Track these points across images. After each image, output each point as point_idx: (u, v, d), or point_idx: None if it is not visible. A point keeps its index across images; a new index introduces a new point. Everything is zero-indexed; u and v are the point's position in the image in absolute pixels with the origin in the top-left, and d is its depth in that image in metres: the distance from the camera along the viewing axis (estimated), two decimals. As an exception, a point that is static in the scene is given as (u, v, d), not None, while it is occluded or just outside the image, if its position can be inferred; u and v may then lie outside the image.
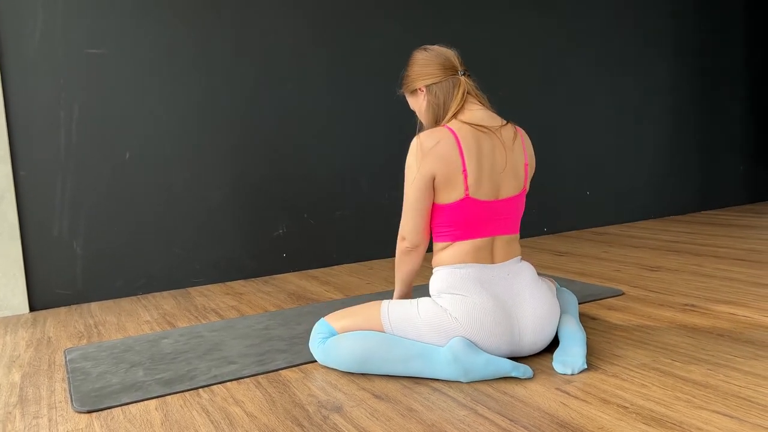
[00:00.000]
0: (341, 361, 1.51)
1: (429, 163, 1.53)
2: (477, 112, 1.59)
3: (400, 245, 1.62)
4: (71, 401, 1.46)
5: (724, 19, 4.23)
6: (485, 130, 1.55)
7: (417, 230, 1.57)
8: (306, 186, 2.96)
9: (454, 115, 1.59)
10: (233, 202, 2.82)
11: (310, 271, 2.96)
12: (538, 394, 1.34)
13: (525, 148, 1.62)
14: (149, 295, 2.64)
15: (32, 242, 2.48)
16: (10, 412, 1.44)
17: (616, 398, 1.29)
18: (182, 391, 1.49)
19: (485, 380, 1.43)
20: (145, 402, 1.44)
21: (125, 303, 2.53)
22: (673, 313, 1.89)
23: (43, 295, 2.51)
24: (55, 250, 2.52)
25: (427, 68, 1.62)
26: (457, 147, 1.52)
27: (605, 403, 1.27)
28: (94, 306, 2.51)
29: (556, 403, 1.29)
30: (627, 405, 1.26)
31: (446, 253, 1.56)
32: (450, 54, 1.63)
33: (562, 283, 2.34)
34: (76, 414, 1.40)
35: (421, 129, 1.71)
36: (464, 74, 1.62)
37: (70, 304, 2.55)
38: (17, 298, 2.45)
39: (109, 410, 1.41)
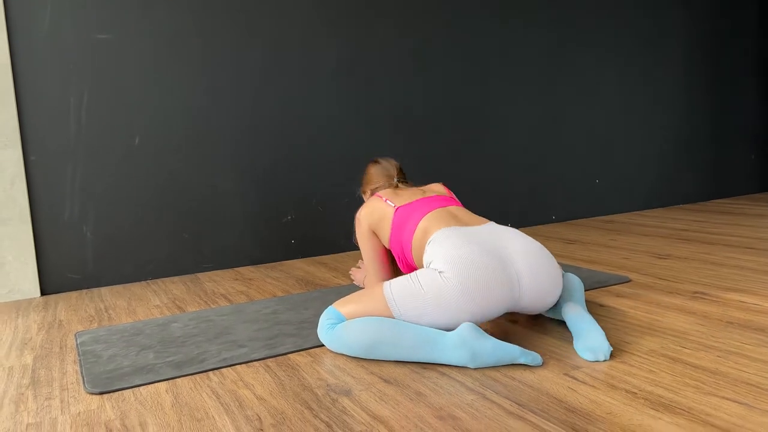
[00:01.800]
0: (350, 348, 1.52)
1: (366, 221, 1.93)
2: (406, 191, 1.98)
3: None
4: (83, 383, 1.48)
5: (736, 7, 4.17)
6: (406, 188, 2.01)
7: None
8: (314, 173, 2.96)
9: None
10: (242, 188, 2.82)
11: (318, 257, 2.96)
12: (547, 379, 1.34)
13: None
14: (159, 280, 2.66)
15: (43, 227, 2.50)
16: (22, 393, 1.45)
17: (624, 384, 1.29)
18: (192, 374, 1.50)
19: (494, 367, 1.43)
20: (156, 384, 1.45)
21: (135, 288, 2.55)
22: (683, 300, 1.89)
23: (54, 279, 2.53)
24: (66, 235, 2.54)
25: (373, 178, 2.10)
26: (381, 199, 1.91)
27: (613, 388, 1.28)
28: (104, 290, 2.53)
29: (564, 388, 1.29)
30: (635, 391, 1.26)
31: (420, 238, 1.71)
32: (391, 167, 2.09)
33: (569, 269, 2.34)
34: (88, 395, 1.42)
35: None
36: (399, 181, 2.06)
37: (80, 289, 2.57)
38: (29, 282, 2.47)
39: (120, 392, 1.42)
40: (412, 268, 1.86)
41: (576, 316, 1.58)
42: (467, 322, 1.46)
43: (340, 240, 3.04)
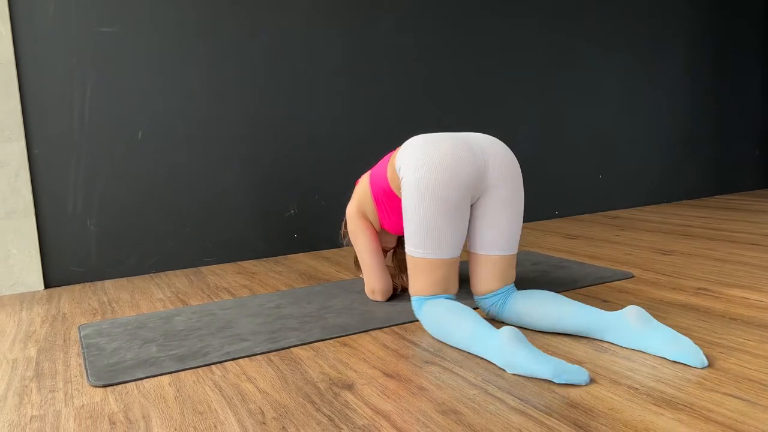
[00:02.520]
0: (432, 333, 1.62)
1: (355, 204, 2.05)
2: None
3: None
4: (86, 376, 1.49)
5: (741, 3, 4.15)
6: None
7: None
8: (317, 167, 2.96)
9: None
10: (245, 182, 2.82)
11: (321, 251, 2.97)
12: (549, 374, 1.34)
13: None
14: (162, 274, 2.66)
15: (47, 220, 2.51)
16: (26, 386, 1.46)
17: (626, 379, 1.29)
18: (195, 367, 1.50)
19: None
20: (159, 377, 1.46)
21: (138, 281, 2.55)
22: (686, 296, 1.88)
23: (57, 272, 2.54)
24: (70, 228, 2.54)
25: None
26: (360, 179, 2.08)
27: (615, 384, 1.28)
28: (107, 283, 2.54)
29: (566, 384, 1.29)
30: (637, 386, 1.26)
31: (392, 162, 1.83)
32: None
33: (573, 265, 2.34)
34: (92, 388, 1.42)
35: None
36: None
37: (84, 282, 2.58)
38: (32, 275, 2.48)
39: (123, 385, 1.43)
40: (399, 212, 1.91)
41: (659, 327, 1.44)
42: (509, 327, 1.39)
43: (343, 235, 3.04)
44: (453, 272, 1.69)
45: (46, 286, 2.53)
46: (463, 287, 2.14)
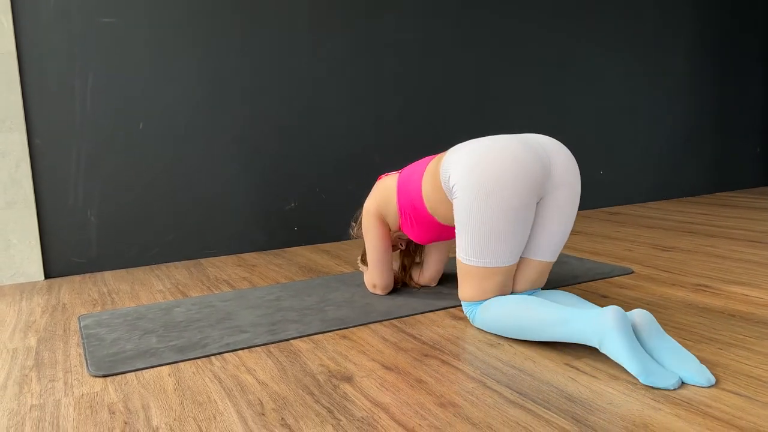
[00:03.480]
0: (498, 331, 1.53)
1: (374, 203, 1.96)
2: None
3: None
4: (86, 366, 1.49)
5: (743, 0, 4.14)
6: None
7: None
8: (318, 160, 2.96)
9: None
10: (245, 174, 2.82)
11: (321, 245, 2.97)
12: (548, 369, 1.35)
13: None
14: (162, 265, 2.67)
15: (47, 210, 2.51)
16: (26, 375, 1.47)
17: (625, 374, 1.30)
18: (195, 359, 1.51)
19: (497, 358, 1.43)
20: (159, 368, 1.46)
21: (138, 272, 2.56)
22: (685, 292, 1.88)
23: (58, 262, 2.54)
24: (70, 219, 2.54)
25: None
26: (384, 177, 1.99)
27: (614, 379, 1.28)
28: (107, 274, 2.54)
29: (565, 378, 1.29)
30: (635, 381, 1.26)
31: (432, 172, 1.72)
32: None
33: (573, 261, 2.34)
34: (91, 378, 1.43)
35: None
36: None
37: (84, 273, 2.58)
38: (33, 266, 2.48)
39: (123, 375, 1.43)
40: (428, 228, 1.81)
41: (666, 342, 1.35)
42: (616, 307, 1.29)
43: (343, 228, 3.04)
44: (509, 277, 1.59)
45: (47, 276, 2.53)
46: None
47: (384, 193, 1.90)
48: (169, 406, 1.26)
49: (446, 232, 1.87)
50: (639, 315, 1.34)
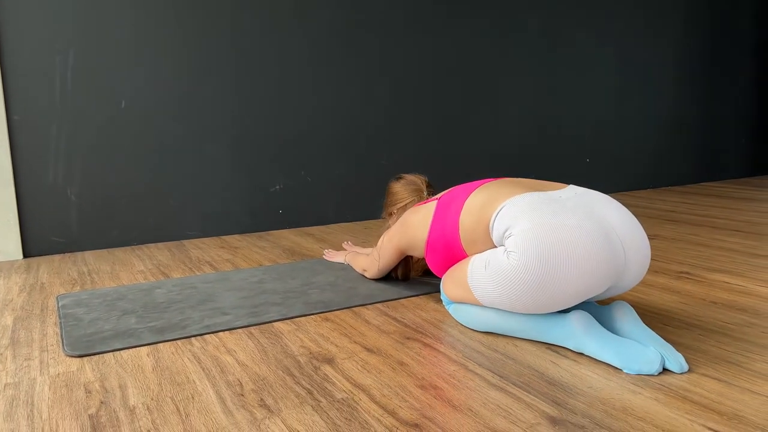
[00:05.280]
0: (472, 326, 1.49)
1: (397, 243, 1.77)
2: None
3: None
4: (63, 345, 1.46)
5: (736, -13, 4.14)
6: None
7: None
8: (303, 143, 2.93)
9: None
10: (230, 155, 2.79)
11: (306, 228, 2.95)
12: (530, 352, 1.35)
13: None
14: (144, 246, 2.63)
15: (26, 189, 2.46)
16: (1, 354, 1.44)
17: (606, 359, 1.30)
18: (174, 339, 1.49)
19: (481, 340, 1.43)
20: (137, 348, 1.44)
21: (119, 252, 2.52)
22: (667, 279, 1.89)
23: (37, 242, 2.50)
24: (50, 198, 2.50)
25: (400, 195, 1.92)
26: (418, 206, 1.73)
27: (595, 363, 1.28)
28: (88, 254, 2.51)
29: (546, 362, 1.29)
30: (617, 366, 1.26)
31: (475, 212, 1.45)
32: (418, 181, 1.92)
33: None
34: (68, 358, 1.40)
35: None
36: (428, 194, 1.90)
37: (64, 252, 2.54)
38: (11, 244, 2.44)
39: (101, 355, 1.41)
40: (452, 263, 1.58)
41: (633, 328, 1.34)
42: (579, 312, 1.31)
43: (329, 212, 3.02)
44: None
45: (25, 255, 2.49)
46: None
47: (413, 233, 1.67)
48: (147, 386, 1.24)
49: None
50: (618, 306, 1.35)
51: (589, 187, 3.74)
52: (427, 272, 2.03)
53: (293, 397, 1.17)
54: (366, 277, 1.99)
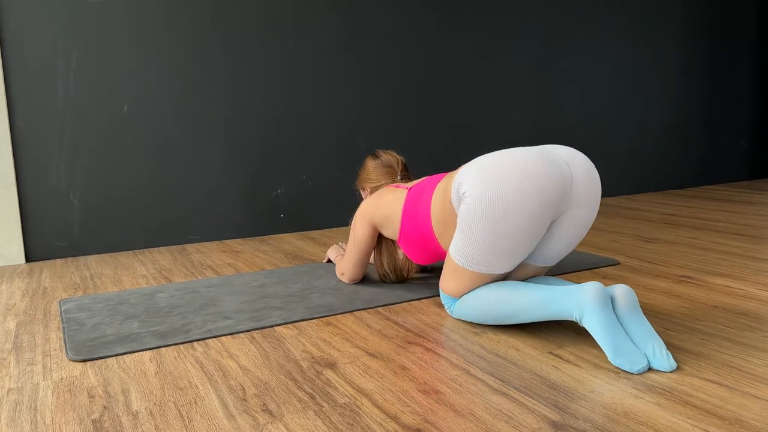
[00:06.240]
0: (478, 319, 1.51)
1: (370, 218, 1.84)
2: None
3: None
4: (66, 350, 1.47)
5: (736, -10, 4.15)
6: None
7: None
8: (304, 147, 2.94)
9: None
10: (231, 160, 2.79)
11: (307, 232, 2.95)
12: (531, 357, 1.35)
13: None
14: (145, 250, 2.64)
15: (29, 193, 2.47)
16: (4, 358, 1.44)
17: (607, 363, 1.30)
18: (177, 344, 1.49)
19: (480, 346, 1.43)
20: (140, 353, 1.45)
21: (121, 257, 2.53)
22: (669, 283, 1.90)
23: (39, 246, 2.50)
24: (52, 202, 2.51)
25: (372, 175, 1.97)
26: (390, 188, 1.85)
27: (597, 368, 1.28)
28: (90, 259, 2.51)
29: (548, 366, 1.29)
30: (618, 371, 1.26)
31: (441, 192, 1.61)
32: (394, 162, 1.96)
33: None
34: (71, 362, 1.41)
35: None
36: (402, 179, 1.95)
37: (66, 256, 2.55)
38: (14, 249, 2.45)
39: (103, 360, 1.41)
40: (431, 253, 1.74)
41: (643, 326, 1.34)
42: (598, 284, 1.30)
43: (330, 215, 3.02)
44: (499, 279, 1.55)
45: (28, 259, 2.49)
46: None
47: (386, 210, 1.77)
48: (150, 390, 1.24)
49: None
50: (620, 289, 1.35)
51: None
52: (423, 269, 2.08)
53: (295, 401, 1.17)
54: (344, 281, 1.97)
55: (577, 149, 3.65)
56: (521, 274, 1.60)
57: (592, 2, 3.60)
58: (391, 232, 1.79)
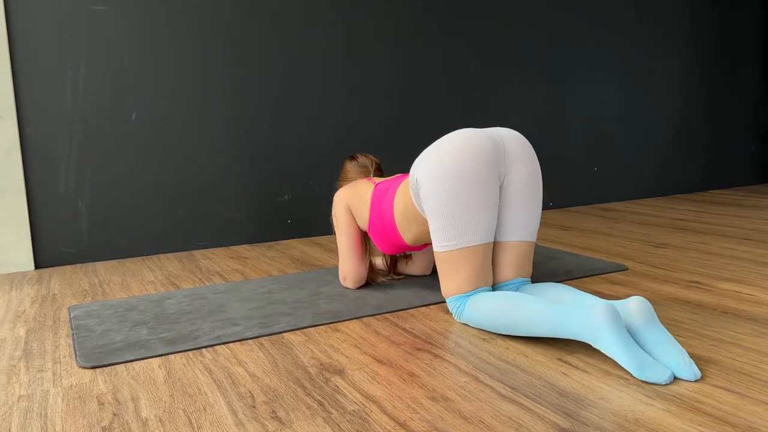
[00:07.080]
0: (486, 327, 1.53)
1: (344, 200, 1.97)
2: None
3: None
4: (75, 357, 1.47)
5: (743, -6, 4.14)
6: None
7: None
8: (311, 153, 2.94)
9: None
10: (239, 166, 2.81)
11: (314, 237, 2.96)
12: (540, 363, 1.34)
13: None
14: (154, 257, 2.65)
15: (38, 200, 2.48)
16: (14, 365, 1.45)
17: (617, 370, 1.29)
18: (185, 351, 1.50)
19: (489, 352, 1.43)
20: (149, 360, 1.45)
21: (130, 263, 2.54)
22: (677, 289, 1.89)
23: (48, 252, 2.52)
24: (61, 209, 2.52)
25: (349, 174, 2.10)
26: (362, 180, 2.01)
27: (606, 374, 1.28)
28: (99, 265, 2.52)
29: (557, 373, 1.29)
30: (628, 377, 1.26)
31: (402, 192, 1.77)
32: (368, 163, 2.10)
33: (567, 256, 2.34)
34: (80, 369, 1.41)
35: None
36: (374, 176, 2.09)
37: (75, 263, 2.56)
38: (23, 255, 2.46)
39: (112, 366, 1.42)
40: (395, 245, 1.88)
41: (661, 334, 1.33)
42: (606, 302, 1.28)
43: (337, 221, 3.03)
44: (488, 260, 1.61)
45: (37, 266, 2.51)
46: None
47: (357, 198, 1.92)
48: (159, 397, 1.25)
49: (414, 249, 1.96)
50: (636, 302, 1.33)
51: (596, 196, 3.74)
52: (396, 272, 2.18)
53: (304, 408, 1.17)
54: (349, 286, 1.98)
55: (582, 153, 3.65)
56: (509, 257, 1.64)
57: (596, 6, 3.60)
58: (361, 220, 1.92)
